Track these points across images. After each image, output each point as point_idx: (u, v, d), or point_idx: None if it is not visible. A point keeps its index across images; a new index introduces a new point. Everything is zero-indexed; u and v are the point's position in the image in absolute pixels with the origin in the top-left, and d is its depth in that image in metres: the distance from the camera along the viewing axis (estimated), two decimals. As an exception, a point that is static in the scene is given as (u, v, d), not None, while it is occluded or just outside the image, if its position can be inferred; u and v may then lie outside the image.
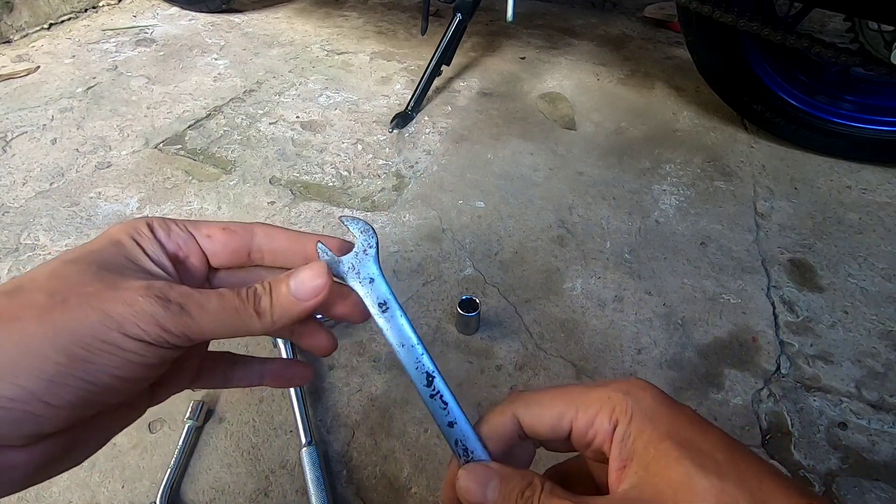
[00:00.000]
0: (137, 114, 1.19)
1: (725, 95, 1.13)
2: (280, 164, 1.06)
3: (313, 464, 0.58)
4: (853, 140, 1.05)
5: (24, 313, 0.23)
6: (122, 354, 0.23)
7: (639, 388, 0.26)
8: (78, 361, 0.23)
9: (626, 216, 0.95)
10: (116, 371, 0.24)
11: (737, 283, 0.83)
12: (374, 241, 0.31)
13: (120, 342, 0.23)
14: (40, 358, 0.22)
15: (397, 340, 0.30)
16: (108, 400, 0.25)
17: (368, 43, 1.53)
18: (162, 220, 0.30)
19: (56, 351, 0.22)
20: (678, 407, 0.26)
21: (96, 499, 0.57)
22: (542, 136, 1.16)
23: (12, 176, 1.00)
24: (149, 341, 0.24)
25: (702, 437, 0.24)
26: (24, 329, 0.22)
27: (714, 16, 0.97)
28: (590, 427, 0.26)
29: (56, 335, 0.22)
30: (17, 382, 0.22)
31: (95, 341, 0.23)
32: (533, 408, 0.28)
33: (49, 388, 0.22)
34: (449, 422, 0.30)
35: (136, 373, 0.24)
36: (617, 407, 0.25)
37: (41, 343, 0.22)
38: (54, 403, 0.22)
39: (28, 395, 0.22)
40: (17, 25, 1.49)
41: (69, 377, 0.22)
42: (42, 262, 0.83)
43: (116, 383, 0.24)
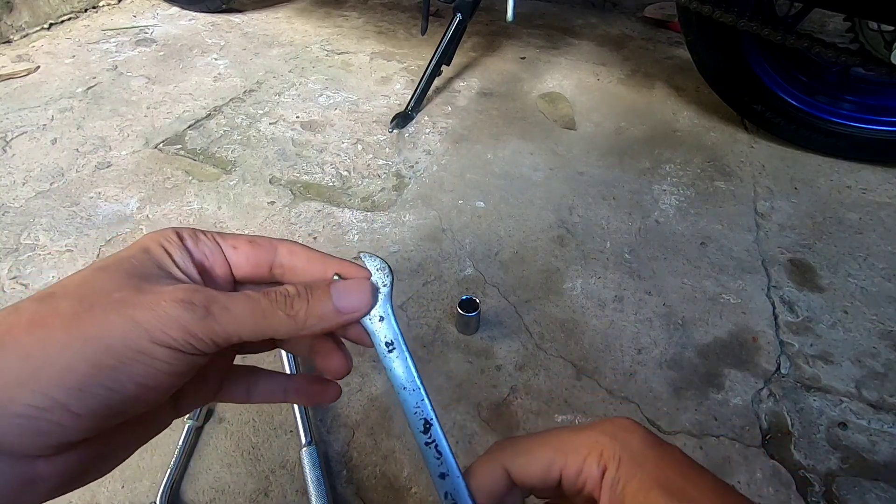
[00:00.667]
0: (137, 114, 1.19)
1: (725, 95, 1.13)
2: (280, 164, 1.06)
3: (313, 464, 0.58)
4: (853, 140, 1.05)
5: (52, 321, 0.23)
6: (148, 362, 0.23)
7: (626, 431, 0.26)
8: (104, 370, 0.22)
9: (626, 216, 0.95)
10: (142, 379, 0.23)
11: (737, 283, 0.83)
12: (389, 279, 0.30)
13: (147, 349, 0.23)
14: (66, 367, 0.22)
15: (400, 382, 0.30)
16: (133, 409, 0.24)
17: (368, 43, 1.53)
18: (191, 230, 0.30)
19: (82, 360, 0.22)
20: (666, 449, 0.26)
21: (96, 499, 0.57)
22: (542, 136, 1.16)
23: (12, 176, 1.00)
24: (176, 347, 0.24)
25: (691, 484, 0.24)
26: (51, 336, 0.22)
27: (714, 16, 0.97)
28: (579, 474, 0.26)
29: (83, 343, 0.22)
30: (43, 391, 0.21)
31: (123, 349, 0.23)
32: (521, 457, 0.27)
33: (74, 398, 0.22)
34: (441, 472, 0.29)
35: (162, 381, 0.24)
36: (605, 451, 0.25)
37: (67, 351, 0.22)
38: (79, 413, 0.22)
39: (53, 404, 0.22)
40: (17, 25, 1.49)
41: (95, 386, 0.22)
42: (42, 262, 0.83)
43: (142, 392, 0.24)
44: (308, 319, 0.27)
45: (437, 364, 0.71)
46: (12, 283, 0.80)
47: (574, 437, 0.26)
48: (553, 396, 0.68)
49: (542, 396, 0.68)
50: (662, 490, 0.23)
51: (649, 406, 0.67)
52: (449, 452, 0.30)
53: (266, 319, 0.26)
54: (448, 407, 0.66)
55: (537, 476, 0.27)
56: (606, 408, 0.67)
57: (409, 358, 0.30)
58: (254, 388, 0.33)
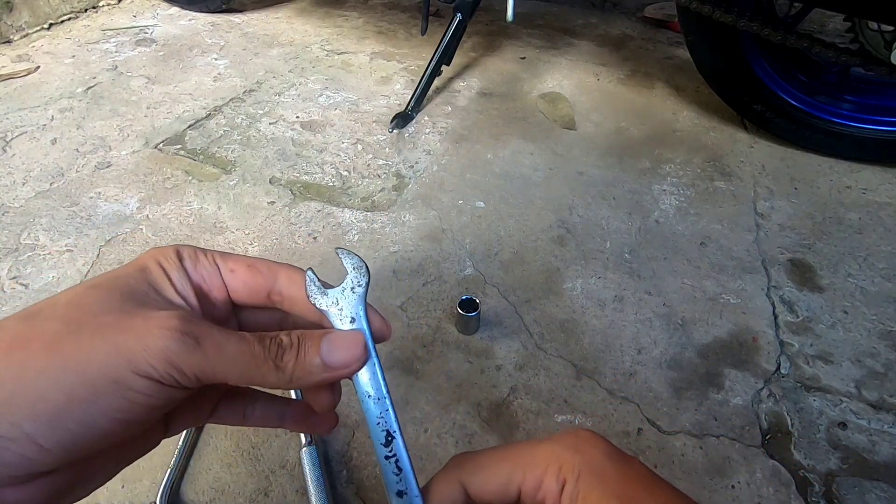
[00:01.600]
0: (137, 114, 1.19)
1: (725, 95, 1.13)
2: (280, 164, 1.06)
3: (313, 464, 0.58)
4: (853, 140, 1.05)
5: (33, 343, 0.22)
6: (126, 395, 0.22)
7: (587, 444, 0.25)
8: (78, 403, 0.21)
9: (626, 216, 0.95)
10: (117, 414, 0.22)
11: (737, 283, 0.83)
12: (364, 280, 0.29)
13: (126, 379, 0.22)
14: (39, 396, 0.21)
15: (364, 390, 0.28)
16: (106, 443, 0.23)
17: (368, 43, 1.53)
18: (192, 250, 0.28)
19: (57, 389, 0.21)
20: (628, 462, 0.25)
21: (96, 499, 0.57)
22: (542, 136, 1.16)
23: (12, 176, 1.01)
24: (157, 379, 0.22)
25: (651, 497, 0.24)
26: (28, 361, 0.21)
27: (714, 16, 0.97)
28: (538, 489, 0.25)
29: (60, 371, 0.21)
30: (11, 420, 0.20)
31: (101, 380, 0.21)
32: (478, 474, 0.26)
33: (43, 430, 0.21)
34: (399, 490, 0.28)
35: (139, 415, 0.23)
36: (564, 465, 0.24)
37: (42, 378, 0.21)
38: (47, 447, 0.21)
39: (20, 435, 0.20)
40: (17, 25, 1.49)
41: (67, 420, 0.21)
42: (42, 261, 0.83)
43: (116, 426, 0.22)
44: (295, 372, 0.25)
45: (437, 364, 0.71)
46: (12, 283, 0.80)
47: (533, 451, 0.26)
48: (553, 396, 0.68)
49: (542, 396, 0.68)
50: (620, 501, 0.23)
51: (649, 406, 0.67)
52: (410, 469, 0.28)
53: (256, 367, 0.24)
54: (448, 407, 0.66)
55: (495, 492, 0.26)
56: (606, 408, 0.67)
57: (377, 364, 0.28)
58: (250, 413, 0.32)
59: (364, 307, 0.29)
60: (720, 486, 0.60)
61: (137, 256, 0.28)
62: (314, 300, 0.28)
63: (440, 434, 0.64)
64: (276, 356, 0.25)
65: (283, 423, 0.32)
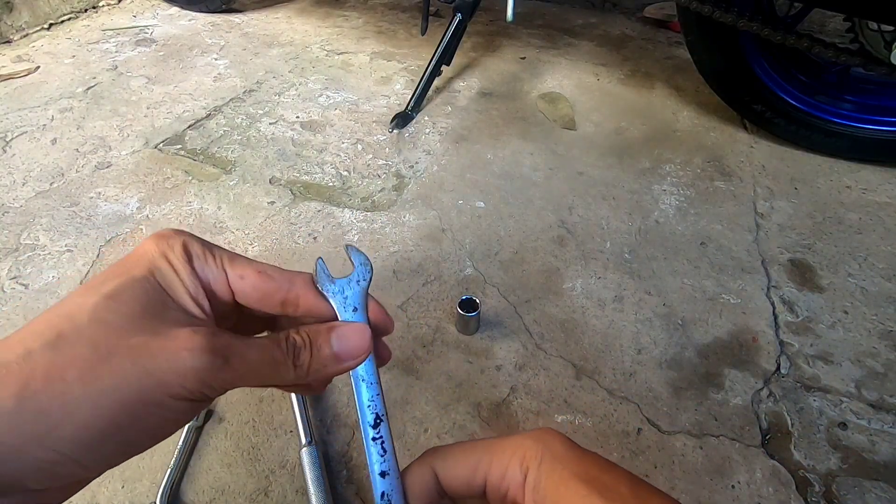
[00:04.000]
0: (137, 114, 1.19)
1: (725, 95, 1.13)
2: (280, 164, 1.06)
3: (313, 464, 0.58)
4: (853, 140, 1.05)
5: (68, 372, 0.22)
6: (162, 414, 0.24)
7: (549, 436, 0.27)
8: (117, 427, 0.22)
9: (626, 216, 0.95)
10: (153, 431, 0.24)
11: (737, 283, 0.83)
12: (369, 275, 0.32)
13: (163, 402, 0.23)
14: (83, 425, 0.22)
15: (359, 373, 0.30)
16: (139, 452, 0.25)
17: (368, 43, 1.53)
18: (200, 248, 0.29)
19: (97, 417, 0.22)
20: (587, 452, 0.27)
21: (96, 499, 0.57)
22: (542, 136, 1.16)
23: (12, 176, 1.01)
24: (189, 398, 0.24)
25: (608, 474, 0.25)
26: (69, 392, 0.22)
27: (714, 16, 0.97)
28: (503, 478, 0.26)
29: (98, 396, 0.22)
30: (58, 448, 0.21)
31: (139, 406, 0.23)
32: (448, 461, 0.28)
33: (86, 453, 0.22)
34: (383, 471, 0.30)
35: (170, 429, 0.25)
36: (527, 453, 0.26)
37: (84, 408, 0.22)
38: (89, 466, 0.23)
39: (66, 460, 0.22)
40: (17, 25, 1.49)
41: (107, 443, 0.23)
42: (42, 262, 0.83)
43: (150, 441, 0.25)
44: (311, 367, 0.27)
45: (437, 364, 0.71)
46: (12, 283, 0.80)
47: (500, 443, 0.27)
48: (553, 396, 0.68)
49: (541, 396, 0.68)
50: (580, 480, 0.25)
51: (649, 406, 0.67)
52: (393, 452, 0.30)
53: (277, 371, 0.26)
54: (448, 407, 0.66)
55: (463, 479, 0.27)
56: (606, 408, 0.67)
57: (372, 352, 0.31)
58: None
59: (365, 300, 0.31)
60: (720, 486, 0.60)
61: (142, 243, 0.28)
62: (322, 286, 0.30)
63: (440, 434, 0.64)
64: (294, 356, 0.26)
65: None
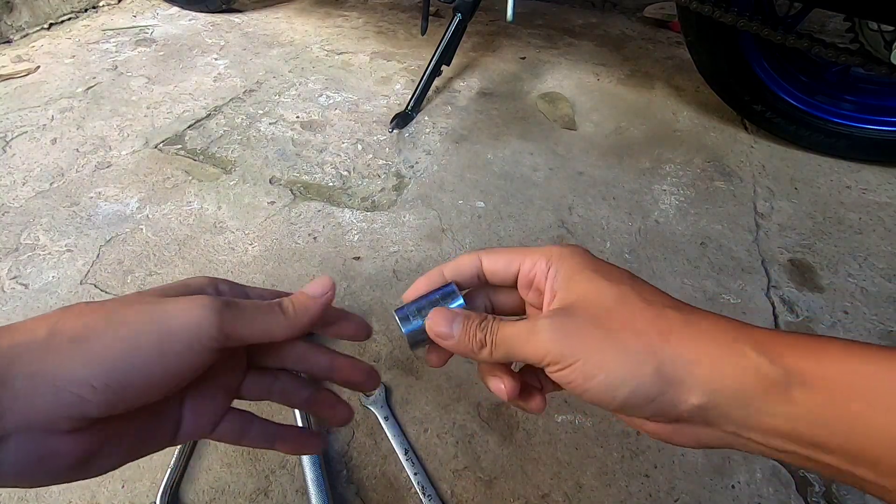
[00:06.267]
0: (137, 114, 1.19)
1: (725, 95, 1.13)
2: (280, 164, 1.06)
3: (313, 464, 0.58)
4: (853, 140, 1.05)
5: (96, 313, 0.27)
6: (167, 344, 0.27)
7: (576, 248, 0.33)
8: (126, 350, 0.26)
9: (626, 216, 0.95)
10: (159, 361, 0.27)
11: (737, 283, 0.83)
12: None
13: (168, 333, 0.27)
14: (102, 345, 0.26)
15: None
16: (144, 392, 0.27)
17: (368, 43, 1.53)
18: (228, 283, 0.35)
19: (119, 341, 0.26)
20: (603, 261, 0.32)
21: (96, 499, 0.57)
22: (542, 136, 1.16)
23: (12, 176, 1.01)
24: (194, 332, 0.27)
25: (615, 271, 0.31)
26: (95, 324, 0.26)
27: (714, 16, 0.97)
28: (531, 269, 0.32)
29: (120, 328, 0.26)
30: (84, 374, 0.25)
31: (144, 335, 0.27)
32: (492, 255, 0.34)
33: (96, 372, 0.25)
34: None
35: (173, 367, 0.27)
36: (554, 254, 0.32)
37: (107, 335, 0.26)
38: (100, 388, 0.25)
39: (81, 378, 0.25)
40: (17, 25, 1.49)
41: (120, 362, 0.26)
42: (42, 261, 0.83)
43: (156, 374, 0.27)
44: (296, 311, 0.32)
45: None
46: (12, 283, 0.80)
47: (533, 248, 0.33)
48: (553, 396, 0.68)
49: (542, 396, 0.68)
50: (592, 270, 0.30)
51: (649, 406, 0.67)
52: None
53: (269, 316, 0.31)
54: (448, 407, 0.66)
55: (502, 268, 0.34)
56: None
57: None
58: (247, 431, 0.36)
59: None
60: (720, 486, 0.60)
61: None
62: None
63: (440, 434, 0.64)
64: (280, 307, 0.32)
65: (275, 445, 0.37)
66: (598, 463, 0.62)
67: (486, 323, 0.31)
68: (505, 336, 0.30)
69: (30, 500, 0.57)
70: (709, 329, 0.27)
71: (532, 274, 0.32)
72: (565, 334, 0.28)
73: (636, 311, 0.28)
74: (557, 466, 0.61)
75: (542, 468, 0.61)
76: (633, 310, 0.28)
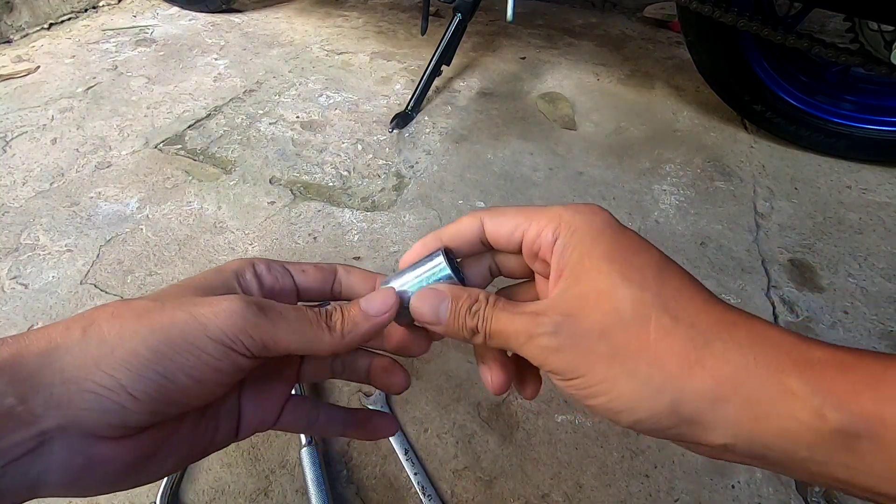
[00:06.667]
0: (137, 114, 1.19)
1: (725, 95, 1.13)
2: (280, 164, 1.06)
3: (313, 464, 0.58)
4: (853, 140, 1.05)
5: (128, 313, 0.26)
6: (198, 354, 0.25)
7: (590, 211, 0.27)
8: (160, 357, 0.25)
9: (626, 216, 0.95)
10: (191, 371, 0.26)
11: (737, 283, 0.83)
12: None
13: (200, 342, 0.25)
14: (132, 352, 0.25)
15: None
16: (183, 400, 0.26)
17: (368, 43, 1.53)
18: (266, 260, 0.33)
19: (145, 347, 0.25)
20: (624, 230, 0.27)
21: (96, 499, 0.57)
22: (542, 136, 1.16)
23: (12, 176, 1.00)
24: (227, 344, 0.26)
25: (637, 256, 0.25)
26: (125, 325, 0.26)
27: (714, 16, 0.97)
28: (537, 238, 0.28)
29: (149, 332, 0.25)
30: (111, 373, 0.24)
31: (179, 340, 0.25)
32: (495, 217, 0.30)
33: (133, 380, 0.24)
34: None
35: (208, 376, 0.26)
36: (563, 222, 0.27)
37: (135, 339, 0.25)
38: (136, 395, 0.24)
39: (117, 385, 0.24)
40: (17, 25, 1.49)
41: (150, 371, 0.25)
42: (42, 262, 0.83)
43: (190, 383, 0.26)
44: (344, 328, 0.29)
45: (437, 364, 0.71)
46: (12, 283, 0.80)
47: (542, 209, 0.28)
48: (553, 396, 0.68)
49: (541, 396, 0.68)
50: (604, 258, 0.25)
51: (649, 406, 0.67)
52: None
53: (311, 330, 0.28)
54: (448, 407, 0.66)
55: (505, 233, 0.29)
56: (606, 408, 0.67)
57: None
58: (314, 418, 0.34)
59: None
60: (720, 486, 0.60)
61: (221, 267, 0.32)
62: None
63: (440, 434, 0.64)
64: (327, 319, 0.29)
65: (346, 431, 0.35)
66: (598, 463, 0.62)
67: (477, 306, 0.27)
68: (500, 330, 0.27)
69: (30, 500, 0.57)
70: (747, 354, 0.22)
71: (537, 245, 0.28)
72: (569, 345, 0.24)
73: (656, 330, 0.23)
74: (557, 466, 0.61)
75: (542, 468, 0.61)
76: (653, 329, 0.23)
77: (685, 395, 0.22)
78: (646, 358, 0.23)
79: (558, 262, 0.27)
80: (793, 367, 0.21)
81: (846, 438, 0.19)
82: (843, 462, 0.20)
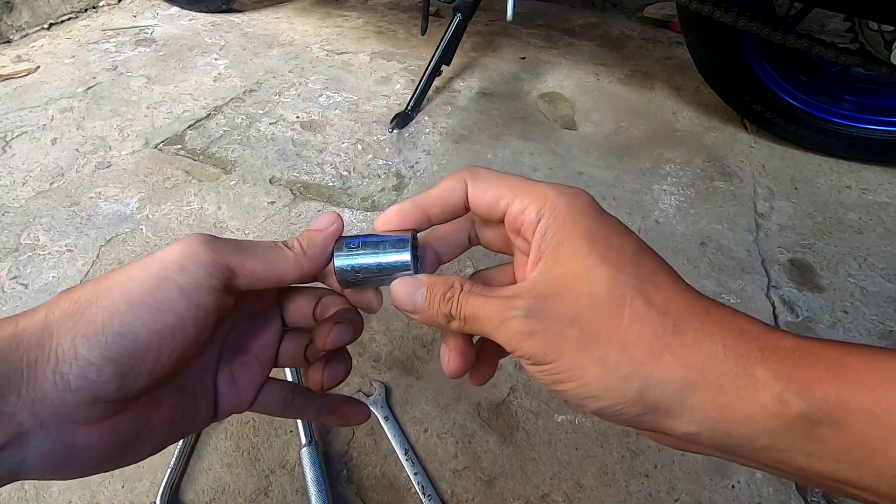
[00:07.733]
0: (137, 114, 1.19)
1: (725, 95, 1.13)
2: (280, 164, 1.06)
3: (313, 464, 0.58)
4: (853, 140, 1.05)
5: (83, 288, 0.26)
6: (157, 304, 0.25)
7: (575, 193, 0.27)
8: (116, 315, 0.24)
9: (626, 216, 0.95)
10: (152, 324, 0.24)
11: (737, 283, 0.83)
12: None
13: (161, 287, 0.25)
14: (88, 319, 0.24)
15: None
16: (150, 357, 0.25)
17: (368, 43, 1.53)
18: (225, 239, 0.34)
19: (100, 309, 0.24)
20: (605, 214, 0.27)
21: (96, 499, 0.57)
22: (542, 136, 1.16)
23: (12, 176, 1.00)
24: (190, 278, 0.25)
25: (617, 237, 0.25)
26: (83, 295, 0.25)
27: (714, 16, 0.97)
28: (520, 215, 0.27)
29: (105, 294, 0.25)
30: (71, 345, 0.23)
31: (136, 293, 0.25)
32: (479, 183, 0.29)
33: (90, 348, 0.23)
34: None
35: (171, 321, 0.25)
36: (547, 203, 0.26)
37: (92, 306, 0.24)
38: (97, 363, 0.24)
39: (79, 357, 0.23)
40: (17, 25, 1.49)
41: (108, 333, 0.24)
42: (42, 262, 0.83)
43: (152, 338, 0.25)
44: (302, 244, 0.29)
45: (437, 364, 0.71)
46: (12, 283, 0.80)
47: (528, 185, 0.28)
48: (553, 396, 0.68)
49: (541, 396, 0.68)
50: (585, 239, 0.25)
51: (649, 406, 0.67)
52: None
53: (273, 251, 0.29)
54: (448, 407, 0.66)
55: (486, 204, 0.28)
56: (606, 408, 0.67)
57: None
58: (290, 402, 0.34)
59: None
60: (720, 486, 0.60)
61: None
62: None
63: (440, 434, 0.64)
64: (284, 244, 0.30)
65: (321, 416, 0.35)
66: (598, 463, 0.62)
67: (451, 293, 0.28)
68: (473, 314, 0.27)
69: (30, 500, 0.57)
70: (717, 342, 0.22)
71: (520, 221, 0.27)
72: (540, 330, 0.24)
73: (630, 315, 0.23)
74: (557, 466, 0.61)
75: (542, 468, 0.61)
76: (626, 313, 0.23)
77: (652, 382, 0.22)
78: (616, 345, 0.23)
79: (539, 244, 0.26)
80: (759, 355, 0.21)
81: (808, 424, 0.20)
82: (805, 449, 0.20)
